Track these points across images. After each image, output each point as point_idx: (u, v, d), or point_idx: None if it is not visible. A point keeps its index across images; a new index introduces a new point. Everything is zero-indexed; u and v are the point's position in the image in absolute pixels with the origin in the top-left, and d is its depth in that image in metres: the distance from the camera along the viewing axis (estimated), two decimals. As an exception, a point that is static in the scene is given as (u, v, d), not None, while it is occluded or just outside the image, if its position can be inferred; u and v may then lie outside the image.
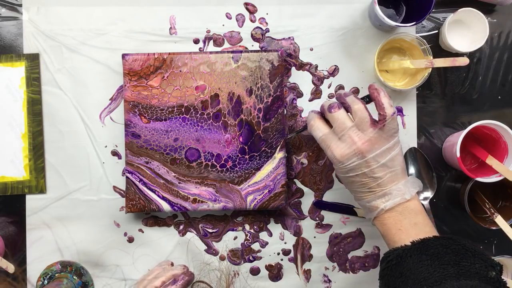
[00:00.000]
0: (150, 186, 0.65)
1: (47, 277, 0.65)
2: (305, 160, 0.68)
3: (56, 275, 0.65)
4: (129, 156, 0.65)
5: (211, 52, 0.66)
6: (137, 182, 0.65)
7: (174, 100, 0.65)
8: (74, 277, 0.65)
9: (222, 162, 0.65)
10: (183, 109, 0.65)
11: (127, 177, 0.65)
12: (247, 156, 0.65)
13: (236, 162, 0.65)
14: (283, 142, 0.65)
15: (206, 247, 0.68)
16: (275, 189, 0.66)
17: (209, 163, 0.65)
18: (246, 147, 0.65)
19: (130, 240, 0.68)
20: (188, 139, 0.65)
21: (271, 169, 0.66)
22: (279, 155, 0.65)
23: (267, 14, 0.68)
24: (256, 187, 0.66)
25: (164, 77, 0.65)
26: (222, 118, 0.65)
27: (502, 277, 0.48)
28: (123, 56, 0.65)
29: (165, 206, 0.65)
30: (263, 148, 0.65)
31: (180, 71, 0.65)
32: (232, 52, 0.65)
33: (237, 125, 0.65)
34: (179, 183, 0.66)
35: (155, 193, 0.65)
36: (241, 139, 0.65)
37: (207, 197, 0.66)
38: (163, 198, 0.65)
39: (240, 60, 0.65)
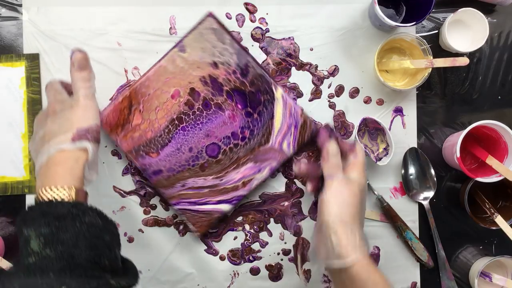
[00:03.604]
0: (200, 202, 0.65)
1: None
2: (305, 160, 0.68)
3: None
4: (165, 192, 0.65)
5: (159, 61, 0.65)
6: (189, 207, 0.65)
7: (163, 121, 0.65)
8: None
9: (240, 136, 0.65)
10: (176, 122, 0.65)
11: (177, 209, 0.65)
12: (255, 115, 0.65)
13: (251, 127, 0.65)
14: (273, 81, 0.65)
15: (206, 247, 0.68)
16: (298, 122, 0.65)
17: (231, 145, 0.65)
18: (249, 109, 0.65)
19: (130, 240, 0.68)
20: (199, 141, 0.65)
21: (281, 109, 0.65)
22: (278, 93, 0.65)
23: (267, 14, 0.68)
24: (283, 132, 0.65)
25: (141, 110, 0.65)
26: (212, 102, 0.65)
27: (502, 277, 0.48)
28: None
29: (225, 207, 0.65)
30: (261, 98, 0.65)
31: (149, 94, 0.65)
32: (175, 45, 0.65)
33: (228, 98, 0.65)
34: (221, 180, 0.65)
35: (208, 204, 0.65)
36: (239, 106, 0.65)
37: (251, 173, 0.65)
38: (218, 202, 0.65)
39: (186, 47, 0.65)
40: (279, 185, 0.68)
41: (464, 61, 0.63)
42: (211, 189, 0.65)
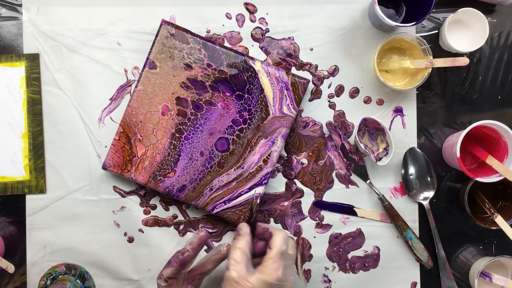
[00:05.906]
0: (233, 197, 0.66)
1: (51, 277, 0.64)
2: (305, 160, 0.68)
3: (60, 276, 0.64)
4: (198, 203, 0.66)
5: (136, 87, 0.66)
6: (225, 206, 0.66)
7: (165, 139, 0.65)
8: (78, 280, 0.64)
9: (241, 120, 0.66)
10: (177, 135, 0.66)
11: (216, 212, 0.66)
12: (246, 95, 0.66)
13: (247, 107, 0.66)
14: (246, 57, 0.65)
15: (206, 247, 0.68)
16: (288, 83, 0.65)
17: (237, 132, 0.66)
18: (238, 92, 0.66)
19: (130, 240, 0.68)
20: (206, 143, 0.66)
21: (266, 78, 0.65)
22: (257, 66, 0.66)
23: (267, 14, 0.68)
24: (278, 99, 0.66)
25: (140, 139, 0.65)
26: (201, 102, 0.66)
27: (502, 277, 0.48)
28: (105, 168, 0.66)
29: (260, 190, 0.66)
30: (244, 77, 0.65)
31: (141, 121, 0.65)
32: (144, 66, 0.65)
33: (214, 91, 0.66)
34: (243, 168, 0.66)
35: (242, 194, 0.66)
36: (228, 94, 0.66)
37: (267, 148, 0.66)
38: (251, 189, 0.66)
39: (155, 62, 0.65)
40: (279, 185, 0.68)
41: (464, 61, 0.63)
42: (238, 180, 0.66)
